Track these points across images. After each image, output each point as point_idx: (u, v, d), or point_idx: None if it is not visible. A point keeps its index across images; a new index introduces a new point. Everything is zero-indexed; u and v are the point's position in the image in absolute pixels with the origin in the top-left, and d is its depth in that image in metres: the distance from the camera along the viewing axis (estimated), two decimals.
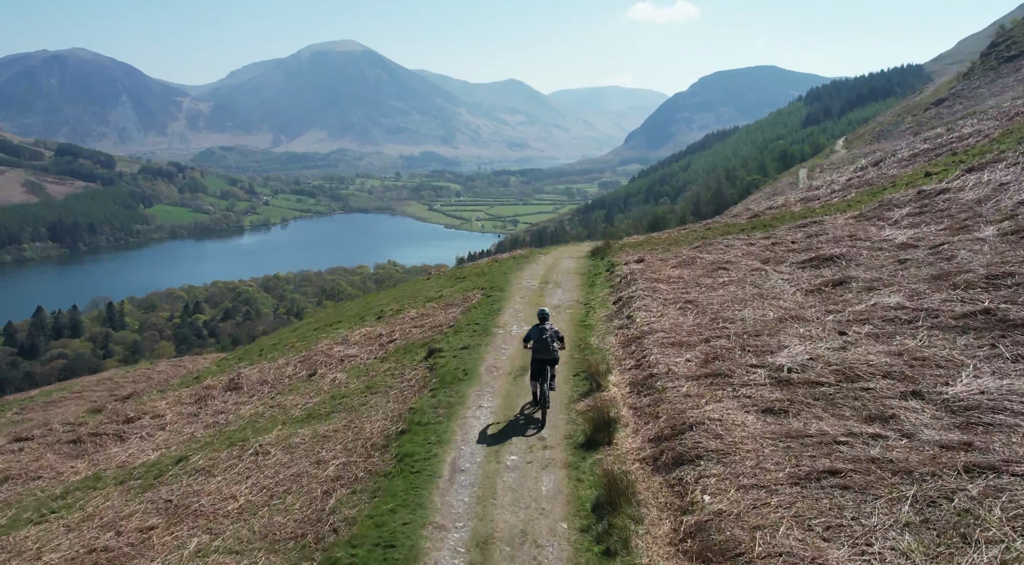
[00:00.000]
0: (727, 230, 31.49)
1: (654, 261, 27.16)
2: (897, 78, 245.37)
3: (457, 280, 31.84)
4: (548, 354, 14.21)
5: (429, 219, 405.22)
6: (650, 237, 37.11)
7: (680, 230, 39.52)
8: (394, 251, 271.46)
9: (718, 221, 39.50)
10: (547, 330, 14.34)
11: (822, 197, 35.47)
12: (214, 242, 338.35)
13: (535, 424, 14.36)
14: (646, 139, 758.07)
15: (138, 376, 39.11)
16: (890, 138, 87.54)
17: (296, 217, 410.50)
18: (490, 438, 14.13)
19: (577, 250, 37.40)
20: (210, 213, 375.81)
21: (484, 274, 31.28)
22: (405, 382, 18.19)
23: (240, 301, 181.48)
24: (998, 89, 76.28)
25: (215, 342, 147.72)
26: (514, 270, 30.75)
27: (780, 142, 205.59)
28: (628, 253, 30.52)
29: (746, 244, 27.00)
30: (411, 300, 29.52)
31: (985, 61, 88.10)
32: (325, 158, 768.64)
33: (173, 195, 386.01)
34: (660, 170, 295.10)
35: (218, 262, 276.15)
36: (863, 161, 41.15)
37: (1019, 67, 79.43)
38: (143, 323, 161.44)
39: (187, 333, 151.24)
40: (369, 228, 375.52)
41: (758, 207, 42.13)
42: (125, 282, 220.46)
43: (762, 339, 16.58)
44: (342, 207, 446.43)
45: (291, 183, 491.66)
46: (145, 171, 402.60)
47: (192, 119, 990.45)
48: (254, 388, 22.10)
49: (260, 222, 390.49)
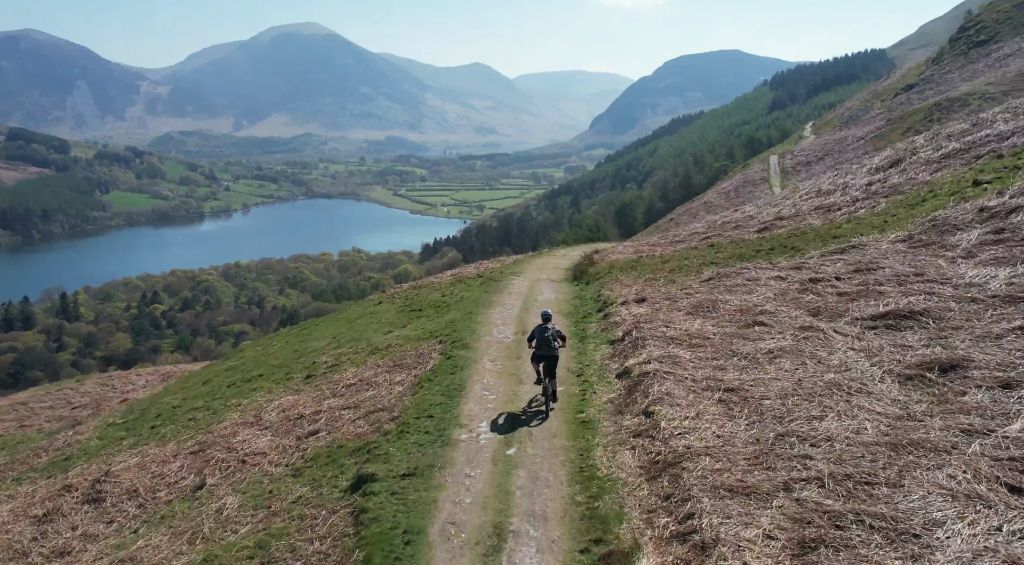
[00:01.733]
0: (739, 251, 26.19)
1: (659, 300, 21.39)
2: (861, 63, 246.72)
3: (412, 313, 26.88)
4: (550, 351, 14.92)
5: (394, 204, 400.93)
6: (641, 256, 31.64)
7: (674, 243, 34.58)
8: (358, 237, 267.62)
9: (720, 235, 32.95)
10: (549, 329, 15.08)
11: (842, 206, 29.86)
12: (173, 229, 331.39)
13: (541, 416, 15.08)
14: (612, 124, 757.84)
15: (57, 400, 35.89)
16: (860, 123, 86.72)
17: (258, 203, 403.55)
18: None
19: (555, 265, 33.93)
20: (169, 199, 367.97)
21: (446, 306, 26.42)
22: (314, 544, 11.40)
23: (199, 290, 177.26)
24: (969, 74, 75.60)
25: (173, 333, 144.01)
26: (481, 304, 25.11)
27: (747, 127, 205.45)
28: (621, 282, 25.19)
29: (775, 277, 21.08)
30: (352, 345, 23.48)
31: (954, 46, 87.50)
32: (289, 143, 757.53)
33: (131, 181, 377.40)
34: (626, 155, 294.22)
35: (177, 250, 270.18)
36: (877, 160, 35.58)
37: (989, 52, 78.83)
38: (98, 314, 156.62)
39: (144, 324, 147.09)
40: (333, 214, 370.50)
41: (760, 214, 36.01)
42: (80, 271, 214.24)
43: (879, 491, 10.07)
44: (305, 193, 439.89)
45: (253, 168, 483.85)
46: (101, 156, 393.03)
47: (151, 103, 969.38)
48: (119, 502, 15.63)
49: (221, 208, 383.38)
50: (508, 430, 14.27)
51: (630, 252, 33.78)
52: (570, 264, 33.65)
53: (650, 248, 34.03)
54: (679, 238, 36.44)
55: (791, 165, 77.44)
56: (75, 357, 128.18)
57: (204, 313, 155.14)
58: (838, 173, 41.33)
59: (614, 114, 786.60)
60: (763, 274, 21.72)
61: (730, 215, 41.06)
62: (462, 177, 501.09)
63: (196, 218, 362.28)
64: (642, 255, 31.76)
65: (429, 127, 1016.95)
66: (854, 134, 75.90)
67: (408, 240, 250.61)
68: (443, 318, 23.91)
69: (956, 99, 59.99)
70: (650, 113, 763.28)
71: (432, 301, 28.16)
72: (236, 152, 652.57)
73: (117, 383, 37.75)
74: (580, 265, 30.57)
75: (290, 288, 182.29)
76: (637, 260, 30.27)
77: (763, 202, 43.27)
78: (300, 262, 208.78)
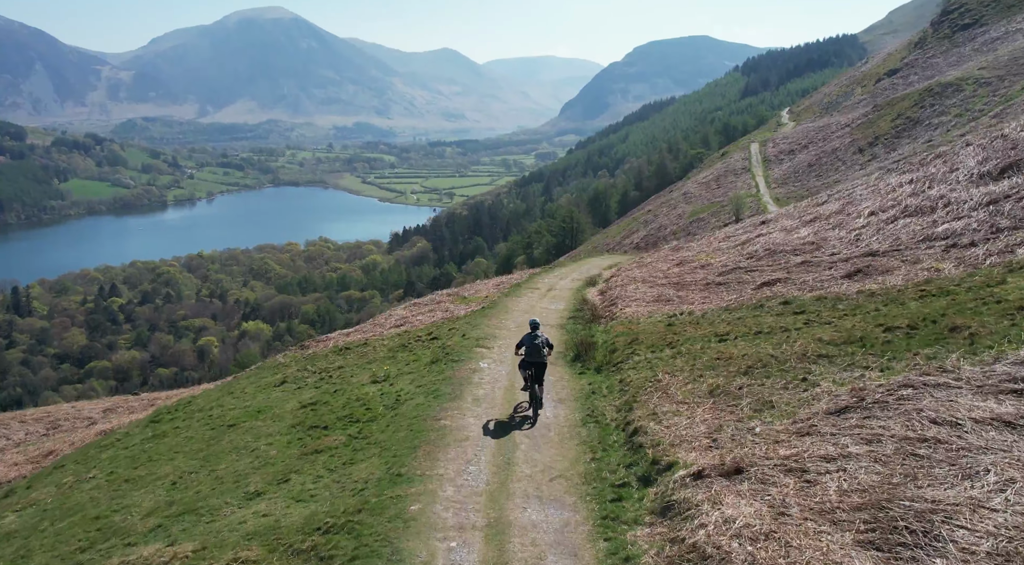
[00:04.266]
0: (858, 331, 14.71)
1: (773, 475, 9.79)
2: (833, 48, 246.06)
3: (312, 435, 16.57)
4: (539, 358, 15.14)
5: (363, 192, 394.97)
6: (674, 319, 21.47)
7: (708, 280, 26.35)
8: (326, 226, 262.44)
9: (787, 277, 23.13)
10: (539, 337, 15.27)
11: (975, 239, 19.67)
12: (135, 218, 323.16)
13: (529, 421, 14.99)
14: (582, 109, 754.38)
15: None
16: (842, 110, 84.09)
17: (223, 191, 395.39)
18: None
19: (546, 308, 27.27)
20: (130, 188, 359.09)
21: (368, 419, 16.60)
22: None
23: (160, 282, 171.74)
24: (955, 59, 73.09)
25: (131, 328, 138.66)
26: (423, 437, 14.19)
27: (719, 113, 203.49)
28: (663, 390, 14.73)
29: (988, 419, 9.58)
30: (181, 529, 12.86)
31: (938, 30, 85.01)
32: (254, 129, 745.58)
33: (91, 169, 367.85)
34: (598, 141, 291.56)
35: (139, 240, 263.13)
36: (974, 162, 25.35)
37: (974, 36, 76.38)
38: (52, 308, 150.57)
39: (100, 319, 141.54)
40: (300, 202, 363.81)
41: (829, 242, 25.72)
42: (36, 263, 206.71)
43: None
44: (272, 180, 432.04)
45: (218, 156, 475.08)
46: (59, 143, 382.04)
47: (112, 89, 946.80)
48: None
49: (184, 197, 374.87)
50: None
51: (644, 286, 26.58)
52: (567, 306, 27.17)
53: (674, 290, 25.73)
54: (709, 265, 27.59)
55: (774, 154, 74.56)
56: (25, 355, 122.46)
57: (164, 307, 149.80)
58: (906, 176, 28.69)
59: (584, 100, 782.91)
60: (958, 405, 10.10)
61: (773, 236, 29.33)
62: (432, 164, 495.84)
63: (159, 207, 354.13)
64: (675, 318, 21.47)
65: (397, 113, 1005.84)
66: (838, 121, 73.15)
67: (377, 229, 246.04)
68: (351, 476, 13.22)
69: (948, 84, 57.35)
70: (620, 99, 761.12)
71: (350, 403, 18.06)
72: (201, 139, 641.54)
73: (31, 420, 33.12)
74: (582, 339, 20.97)
75: (254, 280, 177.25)
76: (670, 326, 20.31)
77: (812, 215, 30.41)
78: (266, 253, 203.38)
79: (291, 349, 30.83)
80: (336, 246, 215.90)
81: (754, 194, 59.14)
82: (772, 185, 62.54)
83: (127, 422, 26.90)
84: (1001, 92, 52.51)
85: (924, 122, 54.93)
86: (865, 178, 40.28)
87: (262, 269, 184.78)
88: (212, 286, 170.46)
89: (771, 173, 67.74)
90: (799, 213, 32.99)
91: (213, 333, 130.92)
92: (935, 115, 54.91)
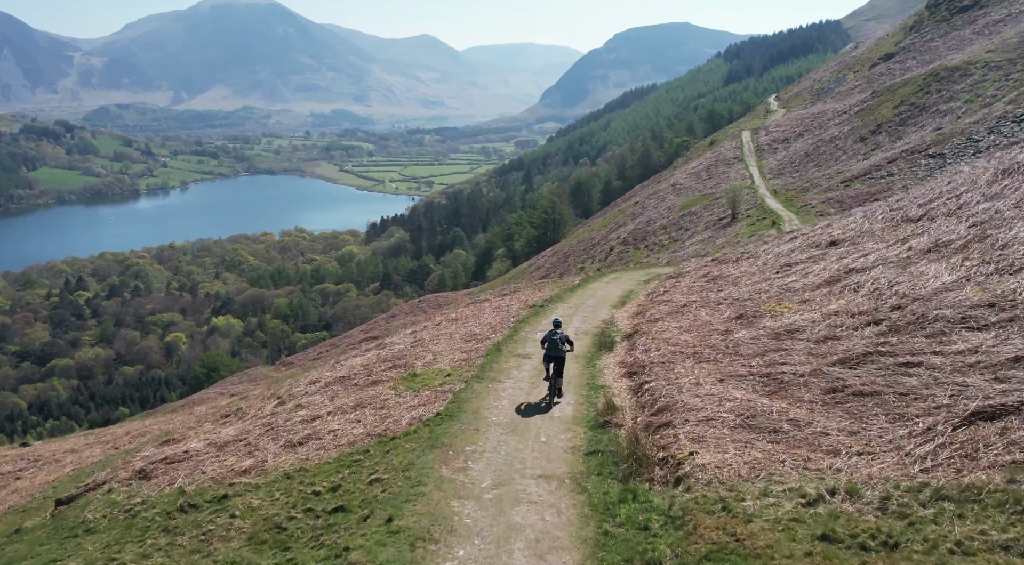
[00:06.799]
0: None
1: None
2: (816, 34, 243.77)
3: None
4: (558, 352, 16.10)
5: (340, 180, 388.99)
6: (835, 536, 9.17)
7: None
8: (302, 216, 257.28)
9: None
10: (558, 334, 16.29)
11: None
12: (106, 207, 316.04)
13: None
14: (562, 97, 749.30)
15: None
16: (836, 97, 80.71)
17: (197, 180, 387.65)
18: None
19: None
20: (102, 176, 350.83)
21: None
22: None
23: (129, 275, 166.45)
24: (956, 42, 69.77)
25: (96, 324, 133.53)
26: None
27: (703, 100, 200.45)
28: None
29: None
30: None
31: (935, 12, 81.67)
32: (230, 117, 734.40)
33: (60, 157, 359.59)
34: (579, 129, 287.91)
35: (110, 230, 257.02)
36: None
37: (975, 18, 73.09)
38: (15, 302, 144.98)
39: (65, 314, 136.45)
40: (276, 191, 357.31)
41: None
42: (1, 254, 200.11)
43: None
44: (247, 168, 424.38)
45: (192, 143, 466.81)
46: (28, 131, 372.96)
47: (84, 75, 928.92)
48: None
49: (157, 186, 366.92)
50: None
51: (702, 371, 15.40)
52: (576, 413, 15.13)
53: (765, 390, 13.87)
54: (797, 330, 16.32)
55: (766, 142, 71.02)
56: None
57: (132, 301, 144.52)
58: None
59: (565, 87, 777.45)
60: None
61: (878, 274, 17.91)
62: (411, 152, 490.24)
63: (131, 195, 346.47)
64: (826, 515, 9.64)
65: (375, 100, 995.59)
66: (834, 108, 69.65)
67: (354, 218, 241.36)
68: None
69: (955, 69, 53.87)
70: (601, 86, 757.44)
71: None
72: (175, 126, 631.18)
73: None
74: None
75: (227, 271, 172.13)
76: (829, 548, 9.01)
77: (919, 237, 19.51)
78: (239, 243, 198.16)
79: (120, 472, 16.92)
80: (312, 236, 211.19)
81: (749, 186, 55.54)
82: (767, 176, 58.99)
83: None
84: (1014, 76, 49.10)
85: (931, 109, 51.45)
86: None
87: (235, 260, 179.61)
88: (183, 278, 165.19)
89: (765, 163, 64.17)
90: (882, 227, 22.23)
91: (182, 329, 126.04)
92: (942, 101, 51.44)
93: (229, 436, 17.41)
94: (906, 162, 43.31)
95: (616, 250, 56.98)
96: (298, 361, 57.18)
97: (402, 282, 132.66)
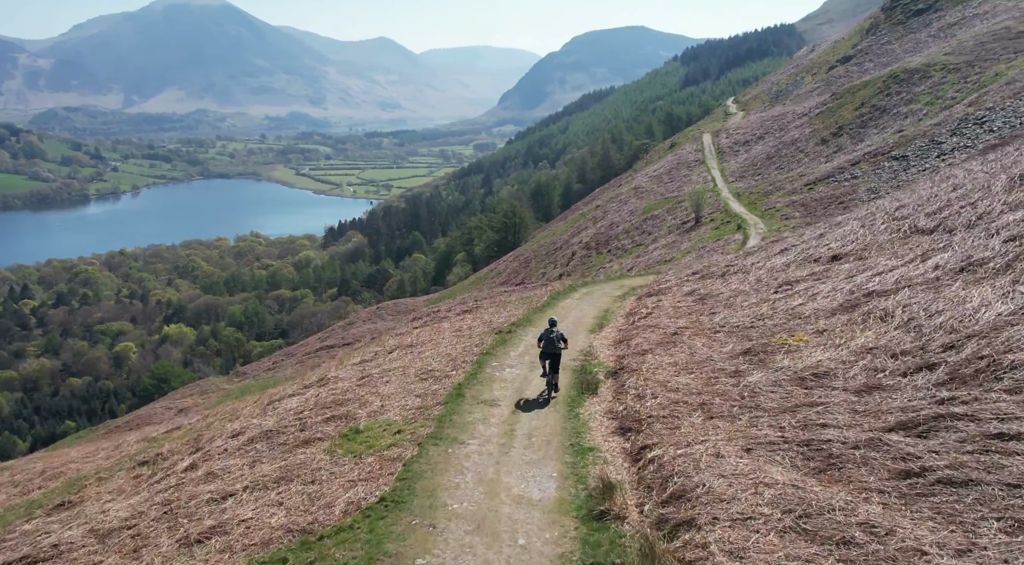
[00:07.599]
0: None
1: None
2: (771, 38, 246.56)
3: None
4: (554, 349, 16.67)
5: (297, 184, 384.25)
6: None
7: None
8: (258, 220, 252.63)
9: None
10: (554, 332, 16.78)
11: None
12: (54, 213, 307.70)
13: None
14: (521, 99, 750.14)
15: None
16: (794, 99, 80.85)
17: (149, 184, 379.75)
18: None
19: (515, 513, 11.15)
20: (49, 181, 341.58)
21: None
22: None
23: (77, 282, 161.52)
24: (912, 45, 70.22)
25: (42, 334, 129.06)
26: None
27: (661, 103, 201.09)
28: None
29: None
30: None
31: (890, 15, 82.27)
32: (183, 120, 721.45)
33: (5, 161, 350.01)
34: (538, 132, 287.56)
35: (58, 237, 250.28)
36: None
37: (930, 21, 73.71)
38: None
39: (9, 323, 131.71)
40: (231, 195, 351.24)
41: None
42: None
43: None
44: (201, 172, 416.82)
45: (144, 147, 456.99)
46: None
47: (30, 77, 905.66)
48: None
49: (108, 190, 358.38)
50: None
51: (734, 458, 10.95)
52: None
53: (822, 497, 9.26)
54: (825, 375, 13.02)
55: (727, 145, 70.72)
56: None
57: (80, 309, 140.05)
58: None
59: (523, 90, 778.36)
60: None
61: (918, 304, 14.59)
62: (368, 155, 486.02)
63: (80, 201, 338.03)
64: None
65: (332, 102, 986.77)
66: (793, 110, 69.70)
67: (311, 223, 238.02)
68: None
69: (915, 70, 53.96)
70: (559, 88, 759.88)
71: None
72: (127, 129, 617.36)
73: None
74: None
75: (180, 278, 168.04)
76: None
77: (934, 253, 17.27)
78: (192, 249, 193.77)
79: None
80: (268, 241, 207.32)
81: (712, 189, 54.95)
82: (729, 179, 58.52)
83: None
84: (972, 78, 49.23)
85: (892, 111, 51.40)
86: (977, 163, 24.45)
87: (188, 266, 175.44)
88: (134, 286, 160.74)
89: (727, 165, 63.78)
90: (889, 239, 19.98)
91: (132, 338, 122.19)
92: (903, 103, 51.42)
93: (120, 517, 14.32)
94: (869, 164, 42.93)
95: (579, 255, 55.95)
96: (252, 371, 55.14)
97: (360, 287, 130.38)
